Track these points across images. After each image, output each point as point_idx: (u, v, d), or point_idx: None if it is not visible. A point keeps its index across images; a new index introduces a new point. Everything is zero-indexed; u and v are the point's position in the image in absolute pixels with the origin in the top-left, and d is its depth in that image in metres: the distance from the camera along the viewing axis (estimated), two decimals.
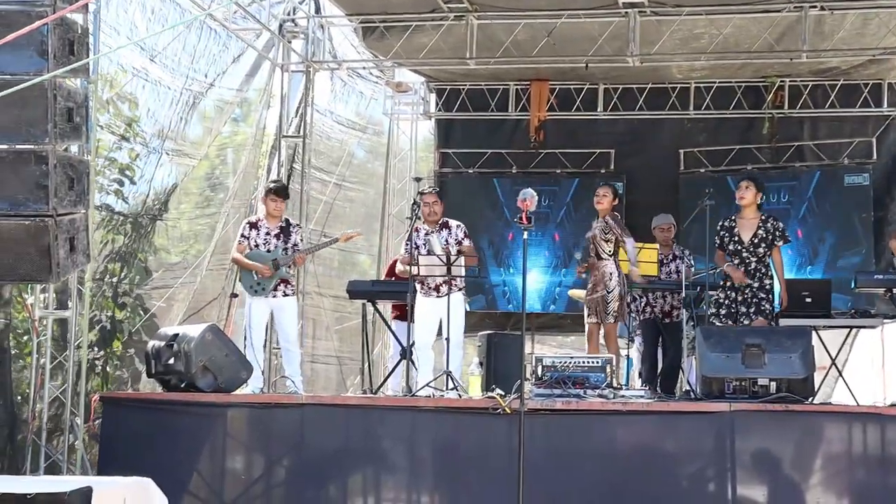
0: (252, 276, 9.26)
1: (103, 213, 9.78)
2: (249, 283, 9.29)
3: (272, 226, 9.38)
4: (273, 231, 9.36)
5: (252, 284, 9.27)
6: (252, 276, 9.27)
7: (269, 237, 9.33)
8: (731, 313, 8.86)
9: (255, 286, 9.26)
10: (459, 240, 9.26)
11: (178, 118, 10.46)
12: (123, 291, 10.13)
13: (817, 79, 12.63)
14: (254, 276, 9.25)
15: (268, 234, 9.34)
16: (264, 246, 9.30)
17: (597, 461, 7.69)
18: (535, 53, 11.68)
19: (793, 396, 7.63)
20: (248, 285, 9.30)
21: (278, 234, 9.35)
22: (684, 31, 11.34)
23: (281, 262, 9.25)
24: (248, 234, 9.34)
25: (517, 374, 7.62)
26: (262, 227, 9.37)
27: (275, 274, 9.23)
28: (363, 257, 14.11)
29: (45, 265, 6.89)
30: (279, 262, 9.24)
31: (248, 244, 9.31)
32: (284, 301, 9.34)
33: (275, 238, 9.34)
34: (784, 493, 7.50)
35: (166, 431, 8.13)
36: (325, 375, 13.09)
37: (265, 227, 9.37)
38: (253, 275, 9.26)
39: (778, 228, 8.95)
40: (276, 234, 9.36)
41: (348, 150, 13.66)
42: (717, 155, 13.12)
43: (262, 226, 9.38)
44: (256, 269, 9.22)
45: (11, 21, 6.75)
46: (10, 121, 6.89)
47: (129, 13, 9.56)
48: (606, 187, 9.49)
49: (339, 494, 7.97)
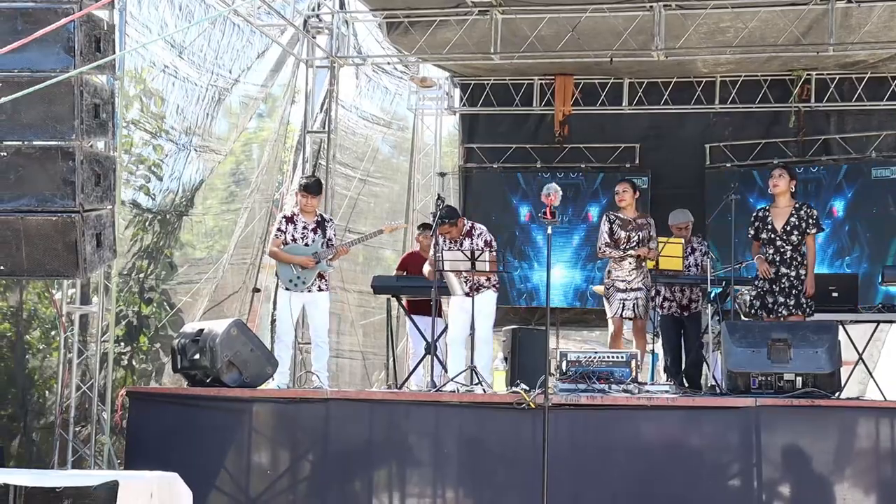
0: (291, 270, 9.24)
1: (134, 211, 9.83)
2: (288, 276, 9.24)
3: (308, 220, 9.37)
4: (310, 226, 9.35)
5: (291, 278, 9.23)
6: (291, 270, 9.24)
7: (306, 231, 9.32)
8: (765, 304, 8.76)
9: (294, 280, 9.22)
10: (480, 248, 9.09)
11: (205, 114, 10.50)
12: (150, 287, 10.18)
13: (844, 72, 12.55)
14: (293, 270, 9.23)
15: (305, 228, 9.33)
16: (302, 240, 9.28)
17: (621, 456, 7.66)
18: (559, 48, 11.65)
19: (819, 391, 7.58)
20: (286, 279, 9.24)
21: (315, 229, 9.35)
22: (710, 25, 11.29)
23: (321, 255, 9.26)
24: (285, 229, 9.31)
25: (542, 370, 7.61)
26: (299, 221, 9.35)
27: (316, 267, 9.24)
28: (388, 252, 14.13)
29: (72, 260, 6.95)
30: (319, 255, 9.25)
31: (285, 238, 9.29)
32: (319, 296, 9.33)
33: (312, 232, 9.33)
34: (810, 489, 7.46)
35: (192, 426, 8.17)
36: (349, 370, 13.12)
37: (302, 222, 9.35)
38: (292, 269, 9.23)
39: (812, 216, 8.83)
40: (313, 228, 9.35)
41: (373, 146, 13.68)
42: (743, 149, 13.06)
43: (298, 220, 9.36)
44: (301, 261, 9.18)
45: (38, 18, 6.82)
46: (38, 117, 6.96)
47: (159, 11, 9.63)
48: (624, 183, 9.50)
49: (364, 489, 7.98)
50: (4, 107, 6.53)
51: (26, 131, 7.00)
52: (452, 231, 9.14)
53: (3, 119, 6.91)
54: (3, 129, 6.98)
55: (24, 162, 6.98)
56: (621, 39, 11.42)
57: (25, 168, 6.96)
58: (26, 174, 6.96)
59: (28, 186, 6.97)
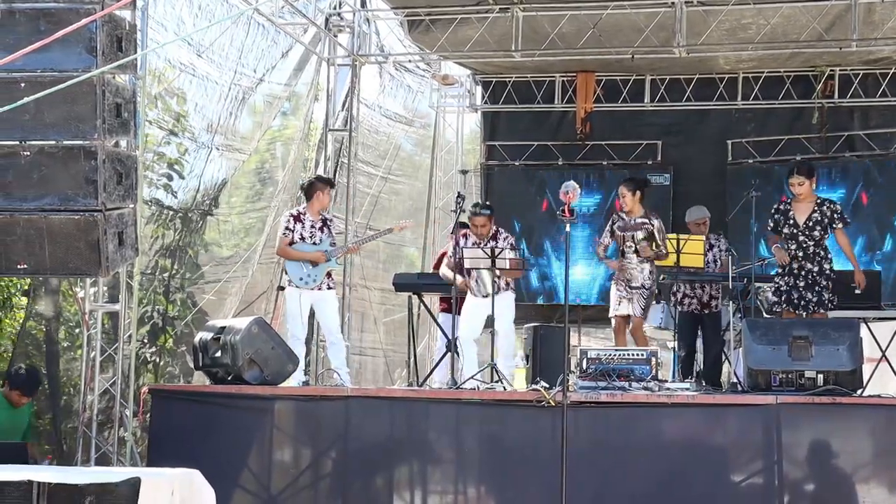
0: (301, 267, 9.28)
1: (153, 209, 9.88)
2: (298, 274, 9.28)
3: (315, 219, 9.42)
4: (317, 224, 9.41)
5: (302, 276, 9.27)
6: (301, 268, 9.28)
7: (314, 230, 9.37)
8: (791, 300, 8.71)
9: (304, 277, 9.26)
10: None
11: (228, 113, 10.55)
12: (176, 287, 10.23)
13: (868, 67, 12.47)
14: (303, 267, 9.28)
15: (313, 226, 9.38)
16: (310, 239, 9.33)
17: (642, 453, 7.65)
18: (580, 45, 11.63)
19: (840, 389, 7.55)
20: (296, 276, 9.29)
21: (321, 227, 9.41)
22: (731, 21, 11.25)
23: (331, 253, 9.30)
24: (293, 227, 9.35)
25: (563, 367, 7.61)
26: (306, 220, 9.40)
27: (325, 264, 9.28)
28: (410, 250, 14.15)
29: (95, 259, 7.01)
30: (329, 253, 9.29)
31: (293, 237, 9.34)
32: (327, 294, 9.37)
33: (319, 231, 9.39)
34: (832, 487, 7.43)
35: (214, 424, 8.21)
36: (372, 368, 13.16)
37: (309, 220, 9.40)
38: (302, 266, 9.28)
39: (836, 211, 8.71)
40: (320, 226, 9.41)
41: (395, 144, 13.71)
42: (766, 145, 13.01)
43: (305, 219, 9.41)
44: (313, 257, 9.23)
45: (61, 19, 6.87)
46: (60, 117, 7.01)
47: (176, 9, 9.65)
48: (622, 186, 9.45)
49: (385, 486, 8.01)
50: (28, 107, 6.58)
51: (49, 131, 7.05)
52: (487, 225, 9.15)
53: (26, 119, 6.96)
54: (27, 129, 7.05)
55: (47, 161, 7.04)
56: (643, 36, 11.39)
57: (48, 167, 7.02)
58: (49, 173, 7.02)
59: (51, 185, 7.03)
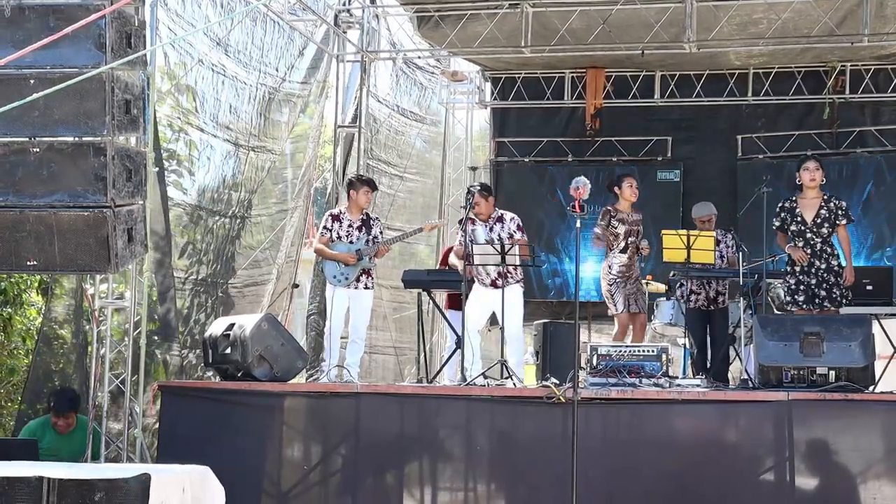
0: (336, 266, 9.38)
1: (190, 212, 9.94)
2: (332, 272, 9.41)
3: (354, 218, 9.49)
4: (356, 223, 9.48)
5: (335, 274, 9.39)
6: (336, 266, 9.38)
7: (351, 229, 9.46)
8: (809, 297, 8.62)
9: (337, 276, 9.38)
10: (511, 233, 9.13)
11: (247, 111, 10.57)
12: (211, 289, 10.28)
13: (879, 63, 12.44)
14: (337, 266, 9.37)
15: (350, 226, 9.47)
16: (346, 238, 9.43)
17: (652, 450, 7.63)
18: (590, 41, 11.61)
19: (852, 385, 7.51)
20: (331, 275, 9.43)
21: (360, 227, 9.47)
22: (742, 17, 11.22)
23: (364, 252, 9.36)
24: (331, 227, 9.46)
25: (573, 364, 7.59)
26: (345, 219, 9.50)
27: (358, 264, 9.34)
28: (422, 247, 14.14)
29: (104, 255, 6.99)
30: (362, 252, 9.35)
31: (331, 236, 9.42)
32: (364, 293, 9.48)
33: (357, 230, 9.45)
34: (843, 484, 7.40)
35: (224, 420, 8.21)
36: (382, 365, 13.15)
37: (347, 220, 9.49)
38: (336, 265, 9.37)
39: (841, 207, 8.72)
40: (359, 226, 9.48)
41: (409, 142, 13.71)
42: (776, 141, 12.98)
43: (344, 218, 9.50)
44: (342, 258, 9.33)
45: (70, 15, 6.85)
46: (69, 113, 6.99)
47: (202, 7, 9.71)
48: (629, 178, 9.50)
49: (396, 482, 8.00)
50: (37, 103, 6.58)
51: (58, 127, 7.03)
52: (482, 205, 9.12)
53: (35, 115, 6.95)
54: (36, 126, 7.03)
55: (56, 157, 7.02)
56: (653, 32, 11.36)
57: (57, 164, 7.00)
58: (58, 170, 7.00)
59: (60, 182, 7.01)
